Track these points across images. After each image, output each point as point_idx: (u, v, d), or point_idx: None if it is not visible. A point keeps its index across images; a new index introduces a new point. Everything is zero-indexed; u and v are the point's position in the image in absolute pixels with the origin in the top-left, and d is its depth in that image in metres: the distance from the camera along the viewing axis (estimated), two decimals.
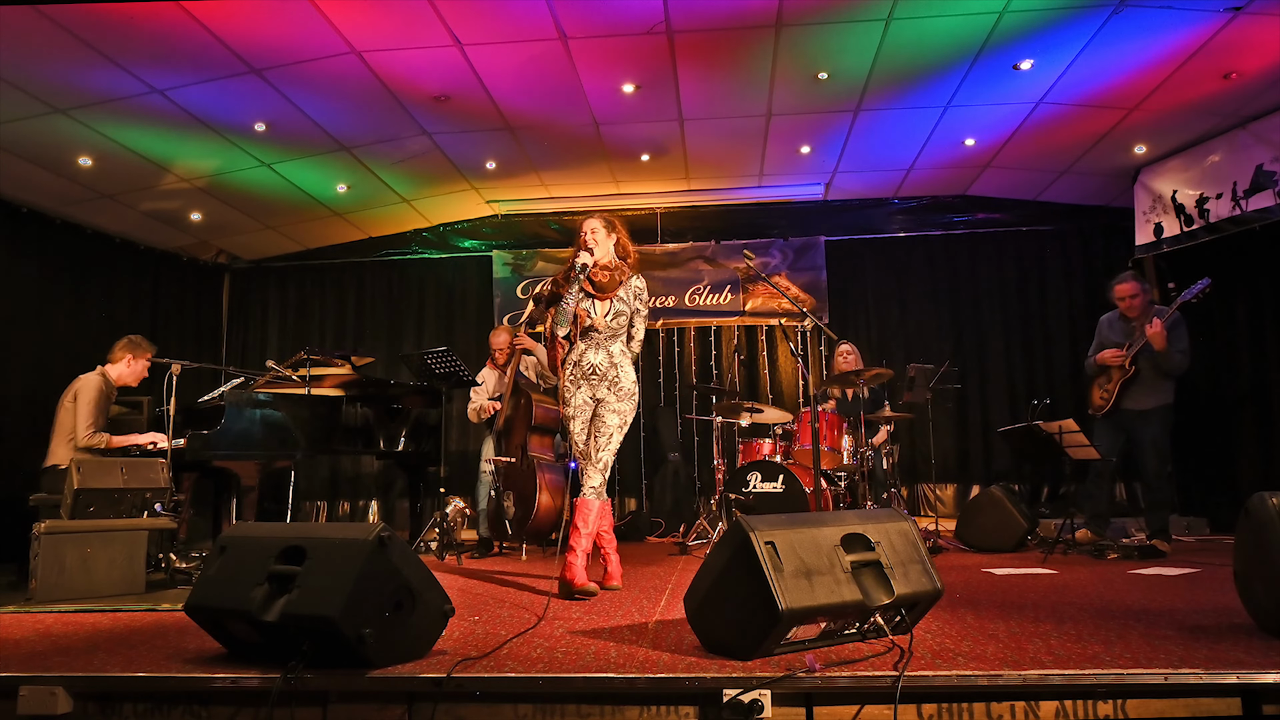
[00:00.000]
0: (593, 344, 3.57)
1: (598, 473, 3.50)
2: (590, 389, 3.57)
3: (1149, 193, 6.42)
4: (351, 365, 5.32)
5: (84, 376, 4.46)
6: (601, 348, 3.58)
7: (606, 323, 3.55)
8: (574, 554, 3.41)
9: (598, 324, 3.55)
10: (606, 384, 3.56)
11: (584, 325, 3.56)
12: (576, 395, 3.57)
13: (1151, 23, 4.61)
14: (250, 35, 4.54)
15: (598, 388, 3.56)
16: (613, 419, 3.54)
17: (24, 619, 3.13)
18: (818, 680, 1.97)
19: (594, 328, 3.55)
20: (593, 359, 3.56)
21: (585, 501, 3.48)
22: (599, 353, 3.57)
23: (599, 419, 3.55)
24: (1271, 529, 2.25)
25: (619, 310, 3.56)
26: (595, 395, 3.57)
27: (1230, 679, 1.91)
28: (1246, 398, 6.23)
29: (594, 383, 3.56)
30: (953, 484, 7.42)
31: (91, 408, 4.37)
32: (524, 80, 5.27)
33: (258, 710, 2.05)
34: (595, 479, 3.50)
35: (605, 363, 3.56)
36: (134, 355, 4.63)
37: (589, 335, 3.57)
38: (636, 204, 7.68)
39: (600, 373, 3.55)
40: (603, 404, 3.56)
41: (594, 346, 3.57)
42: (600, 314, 3.55)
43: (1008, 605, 2.99)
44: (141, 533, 3.82)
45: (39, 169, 5.70)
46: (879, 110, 5.81)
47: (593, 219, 3.65)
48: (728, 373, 7.60)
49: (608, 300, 3.56)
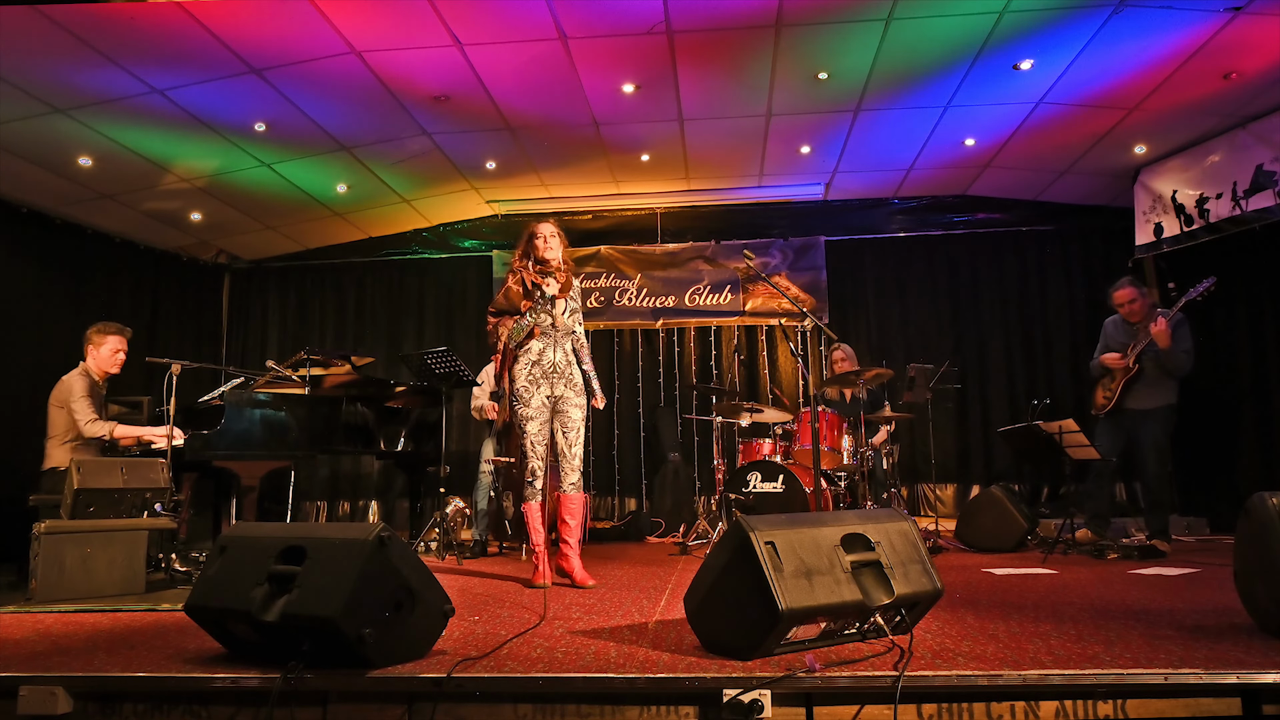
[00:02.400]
0: (551, 342, 3.72)
1: (575, 470, 3.71)
2: (550, 386, 3.70)
3: (1149, 193, 6.42)
4: (351, 365, 5.32)
5: (65, 377, 4.47)
6: (559, 346, 3.73)
7: (564, 320, 3.73)
8: (569, 546, 3.68)
9: (557, 321, 3.72)
10: (565, 381, 3.72)
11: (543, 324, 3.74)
12: (536, 395, 3.69)
13: (1151, 23, 4.61)
14: (250, 35, 4.54)
15: (556, 385, 3.70)
16: (577, 413, 3.73)
17: (24, 619, 3.13)
18: (818, 680, 1.97)
19: (554, 325, 3.72)
20: (552, 356, 3.70)
21: (570, 497, 3.69)
22: (558, 350, 3.72)
23: (564, 415, 3.72)
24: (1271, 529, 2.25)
25: (573, 309, 3.78)
26: (554, 393, 3.71)
27: (1230, 679, 1.91)
28: (1246, 398, 6.24)
29: (554, 380, 3.70)
30: (953, 484, 7.41)
31: (84, 401, 4.37)
32: (524, 80, 5.27)
33: (258, 710, 2.05)
34: (574, 475, 3.72)
35: (564, 360, 3.73)
36: (95, 342, 4.58)
37: (545, 334, 3.72)
38: (636, 204, 7.67)
39: (560, 370, 3.71)
40: (564, 401, 3.72)
41: (552, 345, 3.72)
42: (559, 312, 3.72)
43: (1008, 605, 2.99)
44: (141, 533, 3.82)
45: (39, 169, 5.70)
46: (879, 110, 5.81)
47: (548, 224, 3.82)
48: (728, 373, 7.61)
49: (562, 300, 3.74)
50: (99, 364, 4.58)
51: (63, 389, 4.43)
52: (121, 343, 4.65)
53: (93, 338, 4.60)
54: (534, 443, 3.68)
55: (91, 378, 4.51)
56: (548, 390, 3.69)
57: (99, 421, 4.37)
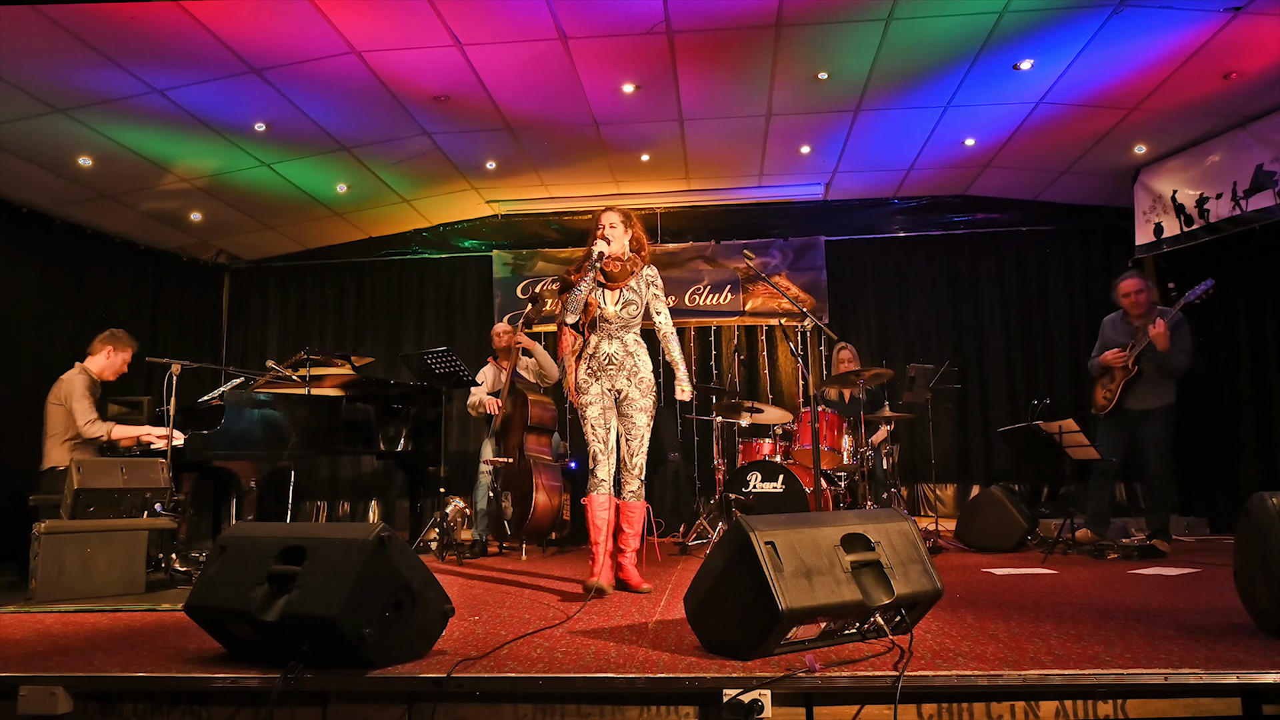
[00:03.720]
0: (605, 335, 3.56)
1: (635, 478, 3.54)
2: (609, 380, 3.54)
3: (1149, 193, 6.42)
4: (351, 365, 5.32)
5: (65, 375, 4.47)
6: (615, 338, 3.56)
7: (616, 312, 3.53)
8: (624, 556, 3.57)
9: (608, 314, 3.53)
10: (625, 374, 3.53)
11: (593, 315, 3.54)
12: (595, 385, 3.54)
13: (1151, 23, 4.60)
14: (250, 35, 4.54)
15: (616, 378, 3.53)
16: (641, 418, 3.54)
17: (24, 619, 3.13)
18: (818, 680, 1.97)
19: (604, 318, 3.54)
20: (607, 349, 3.54)
21: (630, 506, 3.55)
22: (613, 343, 3.55)
23: (628, 419, 3.54)
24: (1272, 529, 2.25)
25: (629, 300, 3.55)
26: (615, 387, 3.54)
27: (1230, 679, 1.91)
28: (1246, 398, 6.24)
29: (611, 373, 3.53)
30: (953, 484, 7.42)
31: (84, 401, 4.37)
32: (524, 80, 5.27)
33: (258, 710, 2.05)
34: (634, 484, 3.54)
35: (620, 352, 3.54)
36: (114, 348, 4.63)
37: (600, 326, 3.55)
38: (636, 204, 7.66)
39: (617, 362, 3.53)
40: (629, 402, 3.53)
41: (607, 337, 3.55)
42: (610, 303, 3.54)
43: (1008, 605, 2.99)
44: (141, 533, 3.82)
45: (39, 169, 5.70)
46: (879, 110, 5.81)
47: (611, 212, 3.64)
48: (728, 373, 7.60)
49: (618, 290, 3.56)
50: (104, 370, 4.60)
51: (62, 387, 4.43)
52: (130, 356, 4.72)
53: (109, 344, 4.62)
54: (594, 426, 3.50)
55: (92, 378, 4.52)
56: (607, 383, 3.53)
57: (98, 422, 4.37)
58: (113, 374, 4.67)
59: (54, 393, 4.44)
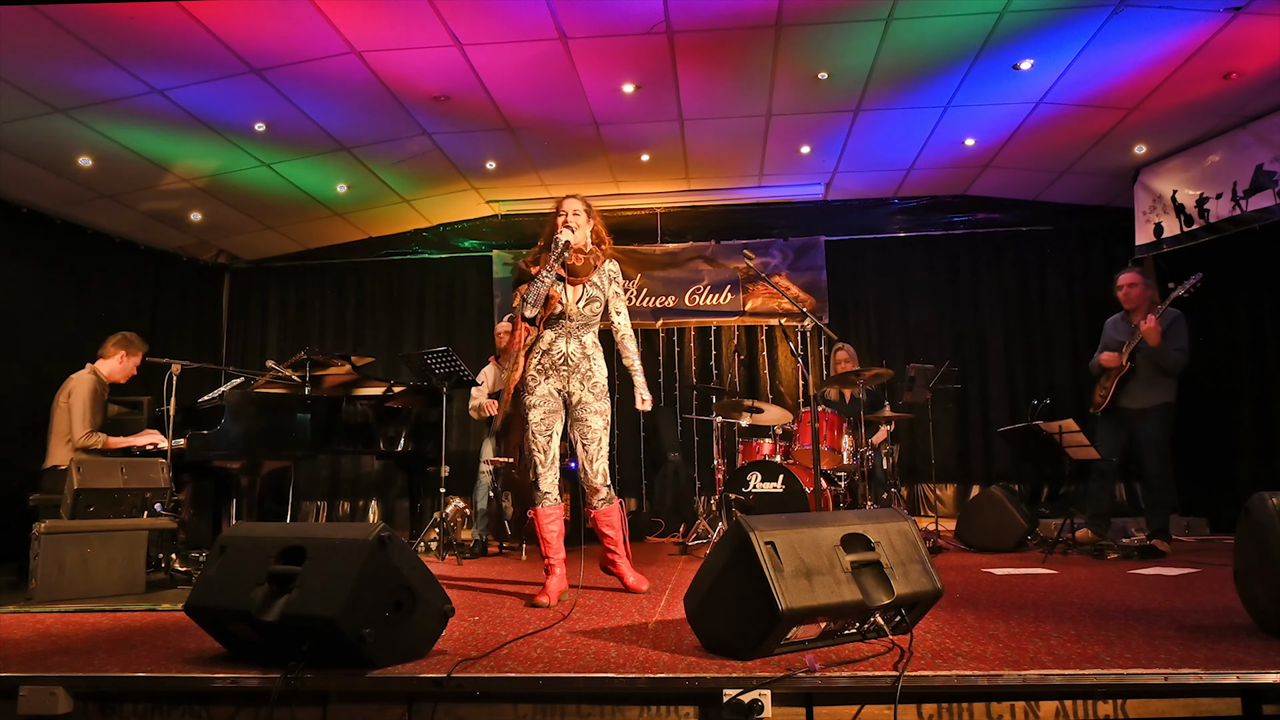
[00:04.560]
0: (563, 332, 3.32)
1: (601, 485, 3.35)
2: (559, 380, 3.31)
3: (1149, 193, 6.42)
4: (351, 365, 5.32)
5: (75, 375, 4.46)
6: (573, 337, 3.33)
7: (579, 309, 3.31)
8: (616, 556, 3.52)
9: (569, 310, 3.30)
10: (579, 377, 3.32)
11: (553, 310, 3.30)
12: (542, 385, 3.30)
13: (1151, 23, 4.61)
14: (250, 35, 4.54)
15: (569, 380, 3.31)
16: (597, 421, 3.32)
17: (24, 619, 3.13)
18: (818, 680, 1.97)
19: (565, 314, 3.31)
20: (563, 348, 3.31)
21: (601, 513, 3.41)
22: (571, 342, 3.32)
23: (582, 423, 3.32)
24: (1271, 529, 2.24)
25: (592, 296, 3.34)
26: (566, 389, 3.32)
27: (1230, 679, 1.91)
28: (1246, 397, 6.23)
29: (564, 374, 3.31)
30: (953, 484, 7.42)
31: (85, 407, 4.35)
32: (524, 80, 5.27)
33: (258, 710, 2.05)
34: (602, 491, 3.36)
35: (578, 353, 3.32)
36: (127, 352, 4.63)
37: (558, 323, 3.32)
38: (636, 204, 7.67)
39: (572, 364, 3.31)
40: (583, 406, 3.32)
41: (565, 335, 3.32)
42: (572, 299, 3.31)
43: (1008, 605, 2.99)
44: (141, 533, 3.82)
45: (39, 169, 5.70)
46: (879, 110, 5.81)
47: (573, 199, 3.41)
48: (728, 373, 7.61)
49: (580, 285, 3.33)
50: (115, 373, 4.60)
51: (70, 387, 4.42)
52: (142, 359, 4.71)
53: (122, 348, 4.61)
54: (535, 433, 3.28)
55: (101, 381, 4.51)
56: (558, 383, 3.31)
57: (93, 434, 4.35)
58: (123, 377, 4.66)
59: (62, 392, 4.43)
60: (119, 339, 4.64)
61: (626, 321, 3.50)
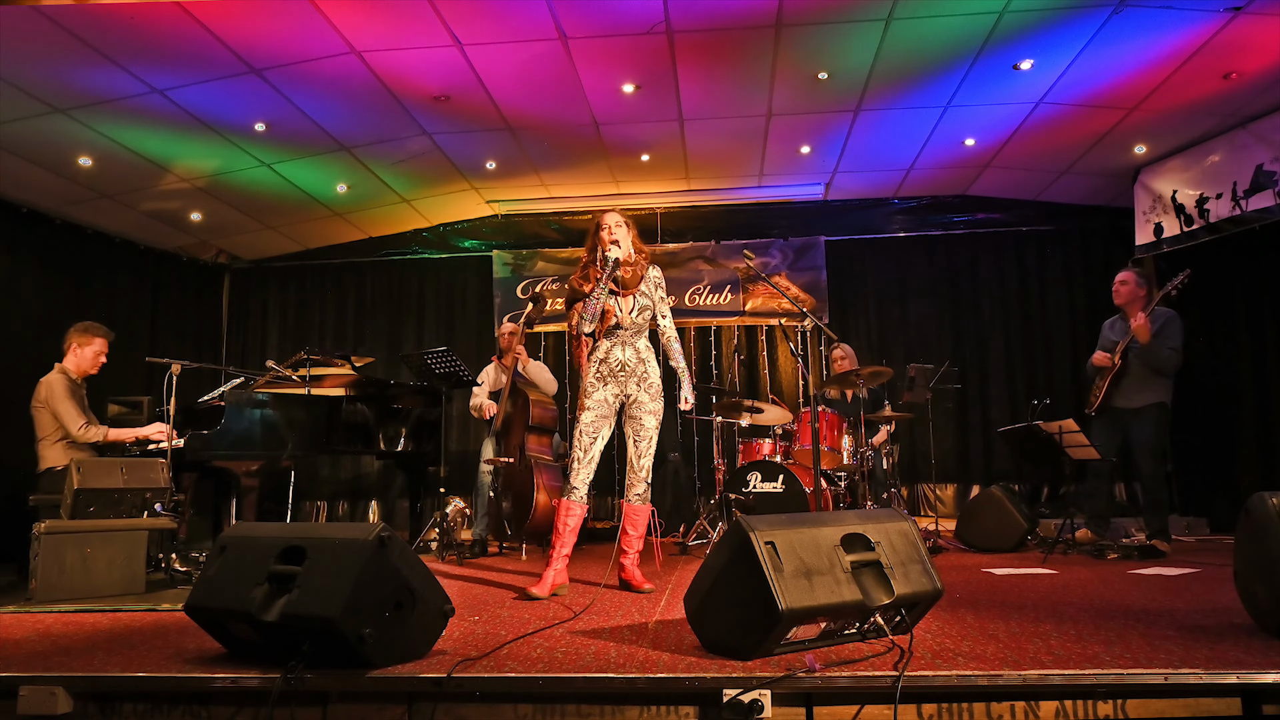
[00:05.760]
0: (619, 341, 3.52)
1: (642, 480, 3.53)
2: (618, 385, 3.52)
3: (1149, 193, 6.42)
4: (351, 365, 5.32)
5: (44, 378, 4.44)
6: (629, 344, 3.53)
7: (632, 319, 3.52)
8: (626, 557, 3.58)
9: (624, 321, 3.50)
10: (636, 380, 3.52)
11: (609, 323, 3.50)
12: (600, 391, 3.50)
13: (1151, 23, 4.60)
14: (250, 35, 4.54)
15: (626, 384, 3.52)
16: (650, 420, 3.53)
17: (24, 619, 3.13)
18: (818, 680, 1.97)
19: (619, 325, 3.51)
20: (620, 355, 3.51)
21: (634, 508, 3.56)
22: (626, 349, 3.52)
23: (635, 421, 3.53)
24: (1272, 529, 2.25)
25: (643, 305, 3.55)
26: (625, 392, 3.53)
27: (1230, 679, 1.91)
28: (1246, 397, 6.23)
29: (622, 380, 3.51)
30: (953, 484, 7.41)
31: (68, 405, 4.34)
32: (524, 80, 5.27)
33: (258, 710, 2.05)
34: (640, 486, 3.54)
35: (634, 359, 3.52)
36: (79, 342, 4.57)
37: (614, 333, 3.52)
38: (636, 204, 7.67)
39: (630, 369, 3.51)
40: (638, 405, 3.52)
41: (620, 344, 3.52)
42: (625, 310, 3.51)
43: (1008, 605, 2.99)
44: (141, 533, 3.82)
45: (39, 169, 5.70)
46: (879, 110, 5.81)
47: (613, 214, 3.61)
48: (728, 373, 7.60)
49: (630, 296, 3.54)
50: (80, 364, 4.56)
51: (42, 390, 4.41)
52: (105, 346, 4.66)
53: (77, 338, 4.58)
54: (582, 432, 3.45)
55: (70, 378, 4.49)
56: (616, 389, 3.51)
57: (91, 427, 4.35)
58: (93, 368, 4.60)
59: (35, 396, 4.42)
60: (72, 331, 4.59)
61: (672, 324, 3.70)
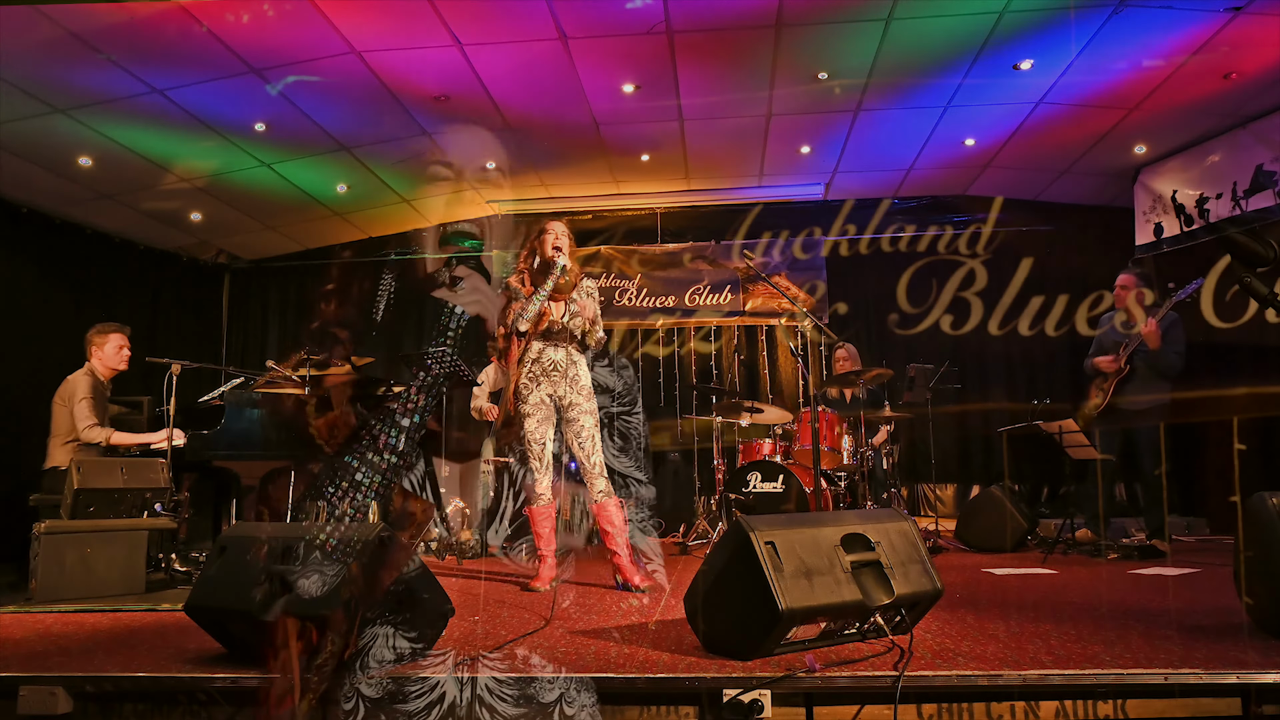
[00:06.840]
0: (551, 342, 3.70)
1: (598, 476, 3.64)
2: (550, 385, 3.67)
3: (1149, 193, 6.42)
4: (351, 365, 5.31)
5: (71, 375, 4.46)
6: (561, 346, 3.70)
7: (564, 323, 3.69)
8: (618, 557, 3.59)
9: (556, 323, 3.69)
10: (566, 382, 3.67)
11: (544, 326, 3.68)
12: (535, 392, 3.67)
13: (1151, 23, 4.60)
14: (250, 35, 4.53)
15: (558, 385, 3.67)
16: (589, 420, 3.67)
17: (24, 619, 3.13)
18: (818, 680, 1.97)
19: (552, 328, 3.69)
20: (553, 355, 3.68)
21: (601, 506, 3.61)
22: (559, 350, 3.69)
23: (575, 423, 3.66)
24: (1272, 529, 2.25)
25: (574, 311, 3.71)
26: (555, 393, 3.67)
27: (1230, 679, 1.91)
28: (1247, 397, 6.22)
29: (554, 379, 3.67)
30: (953, 484, 7.41)
31: (86, 404, 4.35)
32: (524, 80, 5.26)
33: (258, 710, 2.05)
34: (599, 483, 3.64)
35: (565, 360, 3.69)
36: (96, 342, 4.58)
37: (548, 335, 3.69)
38: (636, 204, 7.67)
39: (560, 369, 3.67)
40: (574, 407, 3.66)
41: (552, 345, 3.69)
42: (559, 314, 3.69)
43: (1008, 605, 2.99)
44: (141, 533, 3.82)
45: (39, 169, 5.69)
46: (879, 110, 5.81)
47: (559, 223, 3.80)
48: (728, 373, 7.60)
49: (563, 302, 3.71)
50: (105, 362, 4.58)
51: (67, 388, 4.42)
52: (123, 339, 4.67)
53: (94, 339, 4.60)
54: (531, 441, 3.65)
55: (97, 378, 4.50)
56: (549, 389, 3.67)
57: (97, 428, 4.36)
58: (119, 363, 4.62)
59: (59, 392, 4.43)
60: (90, 333, 4.61)
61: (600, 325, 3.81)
